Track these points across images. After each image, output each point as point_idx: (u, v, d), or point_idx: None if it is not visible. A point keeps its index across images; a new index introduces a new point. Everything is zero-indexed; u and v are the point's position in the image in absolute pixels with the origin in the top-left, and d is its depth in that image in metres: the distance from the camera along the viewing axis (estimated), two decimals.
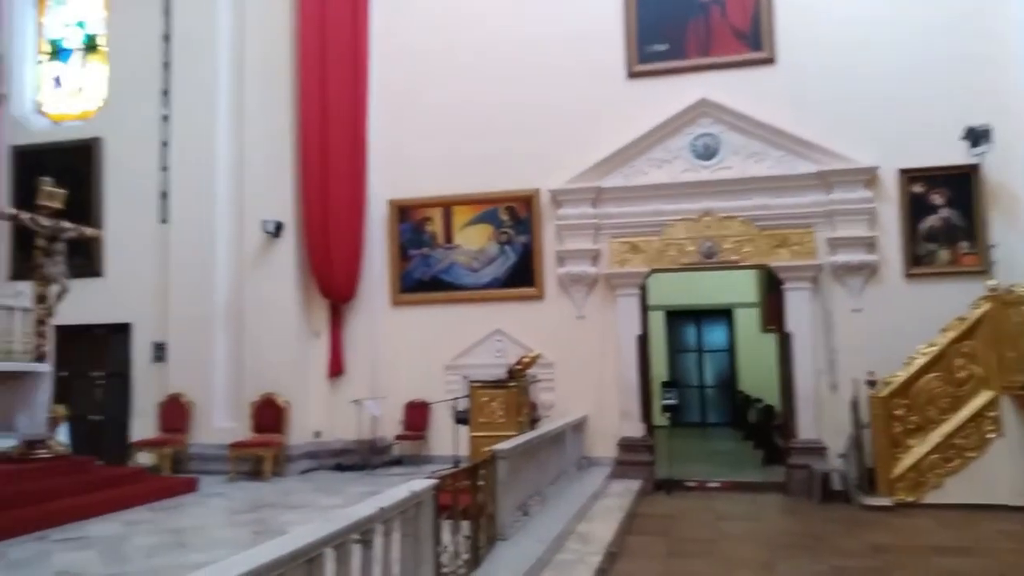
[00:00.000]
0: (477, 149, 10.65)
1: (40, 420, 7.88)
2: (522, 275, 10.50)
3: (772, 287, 10.35)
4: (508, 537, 5.75)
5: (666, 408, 10.63)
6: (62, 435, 8.76)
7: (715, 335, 17.40)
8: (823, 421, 9.33)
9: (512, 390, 7.63)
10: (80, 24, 12.16)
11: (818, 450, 9.21)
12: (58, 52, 12.21)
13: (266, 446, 9.76)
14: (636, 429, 9.90)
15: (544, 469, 7.42)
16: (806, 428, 9.35)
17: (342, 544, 3.24)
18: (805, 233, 9.60)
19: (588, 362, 10.11)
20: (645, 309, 10.19)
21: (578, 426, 9.55)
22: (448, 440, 9.41)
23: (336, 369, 10.70)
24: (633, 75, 10.39)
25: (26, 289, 8.94)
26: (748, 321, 16.19)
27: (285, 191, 10.53)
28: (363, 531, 3.47)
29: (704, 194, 9.88)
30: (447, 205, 10.80)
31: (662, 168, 10.07)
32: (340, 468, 10.26)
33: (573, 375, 10.12)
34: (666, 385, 11.51)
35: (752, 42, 10.09)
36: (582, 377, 10.09)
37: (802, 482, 9.04)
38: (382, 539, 3.70)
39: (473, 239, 10.73)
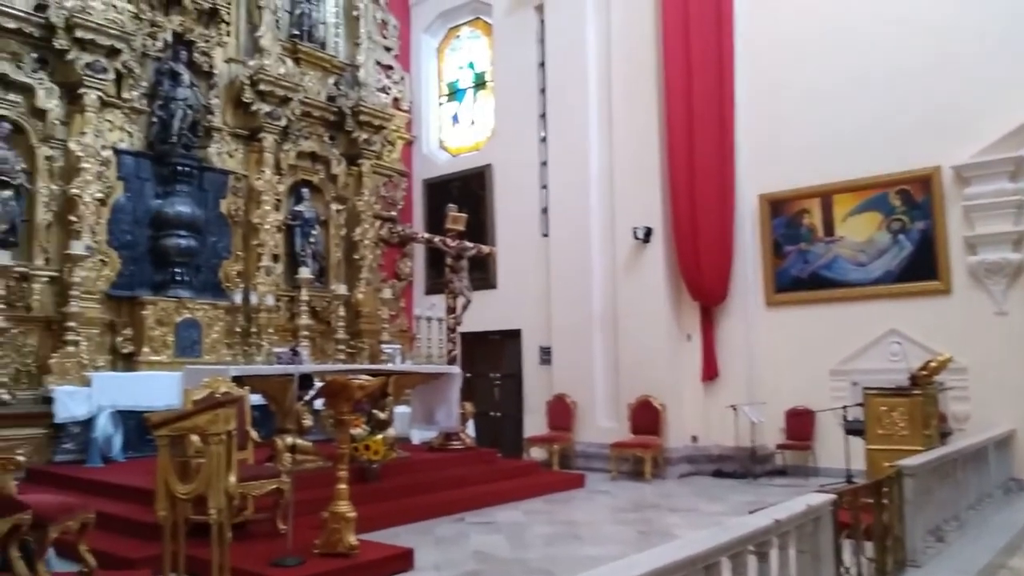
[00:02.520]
0: (858, 130, 9.66)
1: (454, 415, 8.98)
2: (921, 267, 9.26)
3: None
4: (920, 564, 5.05)
5: None
6: (470, 429, 9.90)
7: None
8: None
9: (916, 399, 6.70)
10: (470, 65, 13.78)
11: None
12: (454, 93, 13.97)
13: (645, 448, 9.94)
14: None
15: (961, 490, 6.40)
16: None
17: (738, 554, 3.10)
18: None
19: (1014, 366, 8.50)
20: None
21: (1003, 442, 8.08)
22: (838, 452, 8.64)
23: (710, 373, 10.53)
24: None
25: (438, 302, 10.36)
26: None
27: (653, 197, 10.67)
28: (758, 543, 3.29)
29: None
30: (826, 195, 9.98)
31: None
32: (719, 474, 10.05)
33: (993, 382, 8.60)
34: None
35: None
36: (1006, 384, 8.52)
37: None
38: (778, 553, 3.47)
39: (858, 229, 9.76)
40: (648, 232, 10.60)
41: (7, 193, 8.47)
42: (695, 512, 7.64)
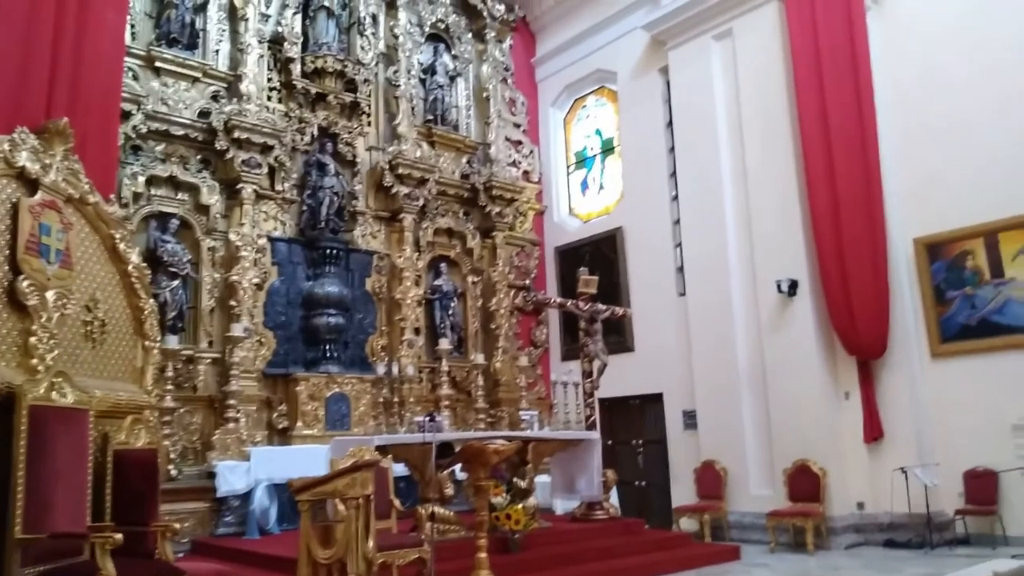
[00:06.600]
0: (1021, 160, 8.87)
1: (596, 484, 8.75)
2: None
3: None
4: None
5: None
6: (613, 498, 9.58)
7: None
8: None
9: None
10: (597, 132, 13.92)
11: None
12: (582, 160, 14.14)
13: (805, 516, 9.22)
14: None
15: None
16: None
17: None
18: None
19: None
20: None
21: None
22: None
23: (873, 433, 9.69)
24: None
25: (575, 368, 10.27)
26: None
27: (796, 248, 10.17)
28: None
29: None
30: (990, 234, 9.14)
31: None
32: (891, 544, 9.14)
33: None
34: None
35: None
36: None
37: None
38: None
39: None
40: (793, 285, 10.08)
41: (176, 283, 9.28)
42: None
